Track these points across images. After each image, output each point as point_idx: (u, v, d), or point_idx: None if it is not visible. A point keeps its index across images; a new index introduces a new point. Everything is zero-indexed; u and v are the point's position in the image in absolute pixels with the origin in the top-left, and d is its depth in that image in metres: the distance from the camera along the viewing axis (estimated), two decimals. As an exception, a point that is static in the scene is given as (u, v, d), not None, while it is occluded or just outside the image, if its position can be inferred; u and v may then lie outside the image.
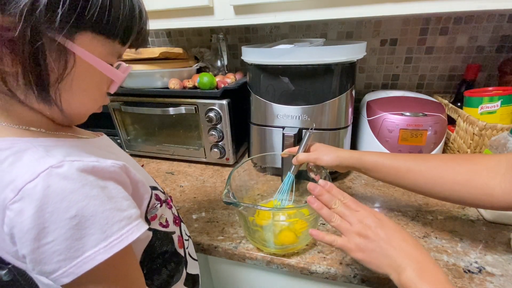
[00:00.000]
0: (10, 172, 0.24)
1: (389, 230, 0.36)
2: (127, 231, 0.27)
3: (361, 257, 0.36)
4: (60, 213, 0.23)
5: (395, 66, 0.91)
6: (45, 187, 0.23)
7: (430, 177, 0.43)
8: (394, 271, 0.33)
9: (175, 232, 0.42)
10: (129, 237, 0.27)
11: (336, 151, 0.52)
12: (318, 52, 0.56)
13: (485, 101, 0.66)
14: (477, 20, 0.79)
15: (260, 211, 0.48)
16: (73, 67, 0.26)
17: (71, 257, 0.24)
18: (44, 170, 0.24)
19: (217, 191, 0.70)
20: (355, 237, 0.36)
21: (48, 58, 0.25)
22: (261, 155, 0.69)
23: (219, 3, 0.65)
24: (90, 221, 0.25)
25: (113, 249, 0.26)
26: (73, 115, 0.31)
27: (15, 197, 0.23)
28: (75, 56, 0.26)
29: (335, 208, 0.39)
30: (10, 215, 0.23)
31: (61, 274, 0.24)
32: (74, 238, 0.24)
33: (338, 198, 0.40)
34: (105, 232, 0.25)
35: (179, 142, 0.83)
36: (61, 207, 0.23)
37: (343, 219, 0.38)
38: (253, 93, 0.67)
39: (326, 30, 0.91)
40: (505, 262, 0.45)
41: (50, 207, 0.23)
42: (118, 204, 0.27)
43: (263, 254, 0.51)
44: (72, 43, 0.25)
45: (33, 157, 0.25)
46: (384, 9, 0.56)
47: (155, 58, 0.74)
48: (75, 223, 0.24)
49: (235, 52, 1.02)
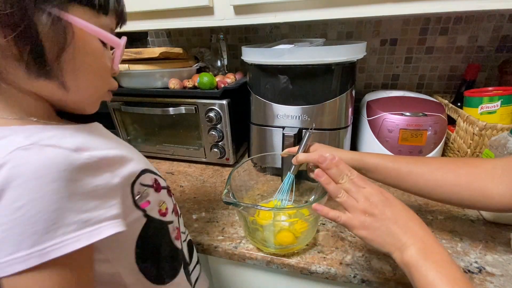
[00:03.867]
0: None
1: (395, 209, 0.35)
2: (73, 237, 0.24)
3: (365, 234, 0.35)
4: (10, 200, 0.22)
5: (395, 66, 0.91)
6: (8, 168, 0.22)
7: (431, 179, 0.43)
8: (397, 249, 0.33)
9: (173, 222, 0.41)
10: (71, 245, 0.23)
11: (336, 151, 0.52)
12: (318, 52, 0.56)
13: (485, 101, 0.66)
14: (477, 20, 0.79)
15: (260, 211, 0.48)
16: (72, 38, 0.26)
17: (3, 251, 0.22)
18: (11, 151, 0.23)
19: (217, 191, 0.70)
20: (361, 215, 0.35)
21: (45, 30, 0.24)
22: (261, 155, 0.69)
23: (219, 3, 0.65)
24: (37, 217, 0.22)
25: (49, 255, 0.23)
26: (84, 98, 0.31)
27: None
28: (72, 27, 0.26)
29: (342, 184, 0.38)
30: None
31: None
32: (13, 232, 0.22)
33: (345, 173, 0.39)
34: (47, 233, 0.23)
35: (179, 142, 0.83)
36: (13, 194, 0.22)
37: (350, 196, 0.37)
38: (253, 93, 0.67)
39: (326, 30, 0.91)
40: (505, 262, 0.45)
41: (4, 191, 0.22)
42: (78, 205, 0.24)
43: (263, 254, 0.51)
44: (67, 13, 0.26)
45: (6, 143, 0.24)
46: (384, 9, 0.56)
47: (155, 58, 0.74)
48: (19, 215, 0.22)
49: (235, 52, 1.02)
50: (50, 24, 0.25)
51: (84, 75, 0.29)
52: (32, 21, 0.24)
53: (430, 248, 0.32)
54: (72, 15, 0.26)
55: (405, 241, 0.32)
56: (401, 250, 0.32)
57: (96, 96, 0.33)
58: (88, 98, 0.32)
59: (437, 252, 0.31)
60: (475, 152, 0.64)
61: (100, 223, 0.26)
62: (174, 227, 0.41)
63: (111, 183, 0.29)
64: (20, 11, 0.23)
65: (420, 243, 0.32)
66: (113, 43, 0.31)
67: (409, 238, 0.32)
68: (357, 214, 0.36)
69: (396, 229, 0.33)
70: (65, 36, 0.26)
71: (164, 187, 0.40)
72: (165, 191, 0.40)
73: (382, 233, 0.34)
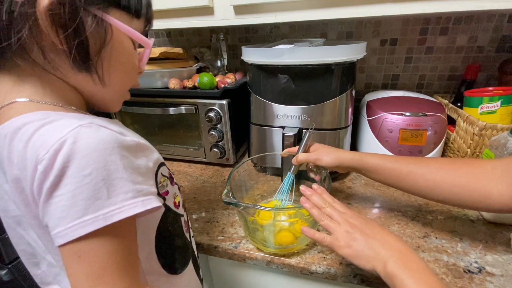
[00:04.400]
0: (43, 135, 0.25)
1: (374, 229, 0.39)
2: (131, 204, 0.27)
3: (349, 252, 0.37)
4: (77, 168, 0.24)
5: (395, 66, 0.91)
6: (72, 142, 0.24)
7: (431, 179, 0.44)
8: (380, 262, 0.35)
9: (183, 215, 0.43)
10: (131, 210, 0.26)
11: (336, 152, 0.52)
12: (318, 52, 0.56)
13: (485, 101, 0.66)
14: (477, 20, 0.79)
15: (260, 211, 0.48)
16: (111, 37, 0.30)
17: (71, 216, 0.24)
18: (74, 128, 0.25)
19: (217, 191, 0.70)
20: (343, 235, 0.38)
21: (90, 29, 0.28)
22: (261, 155, 0.69)
23: (219, 3, 0.65)
24: (100, 184, 0.25)
25: (112, 218, 0.25)
26: (112, 94, 0.35)
27: (46, 154, 0.24)
28: (111, 27, 0.30)
29: (324, 209, 0.42)
30: (40, 169, 0.24)
31: (57, 233, 0.24)
32: (80, 198, 0.24)
33: (328, 201, 0.44)
34: (110, 199, 0.25)
35: (179, 142, 0.83)
36: (80, 163, 0.24)
37: (332, 219, 0.41)
38: (253, 93, 0.67)
39: (326, 30, 0.91)
40: (505, 262, 0.45)
41: (71, 161, 0.24)
42: (132, 176, 0.27)
43: (263, 254, 0.51)
44: (108, 15, 0.29)
45: (66, 123, 0.26)
46: (384, 9, 0.56)
47: (155, 58, 0.74)
48: (86, 182, 0.24)
49: (235, 52, 1.02)
50: (95, 24, 0.28)
51: (116, 71, 0.33)
52: (81, 21, 0.27)
53: (407, 257, 0.34)
54: (112, 17, 0.30)
55: (385, 253, 0.35)
56: (383, 262, 0.35)
57: (122, 92, 0.37)
58: (116, 94, 0.36)
59: (414, 260, 0.34)
60: (475, 152, 0.64)
61: (149, 195, 0.29)
62: (185, 221, 0.43)
63: (148, 165, 0.32)
64: (71, 13, 0.26)
65: (398, 253, 0.35)
66: (144, 43, 0.34)
67: (387, 250, 0.35)
68: (340, 235, 0.39)
69: (376, 243, 0.37)
70: (105, 35, 0.29)
71: (176, 183, 0.42)
72: (176, 186, 0.42)
73: (363, 248, 0.37)
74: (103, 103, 0.36)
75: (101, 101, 0.36)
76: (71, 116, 0.29)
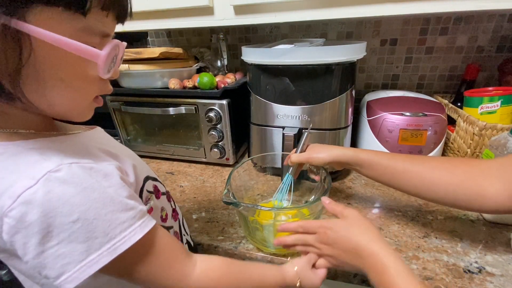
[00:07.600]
0: (4, 178, 0.23)
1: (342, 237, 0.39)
2: (130, 232, 0.27)
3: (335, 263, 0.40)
4: (63, 217, 0.23)
5: (395, 66, 0.91)
6: (45, 192, 0.23)
7: (427, 177, 0.43)
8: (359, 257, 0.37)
9: (172, 227, 0.42)
10: (132, 238, 0.27)
11: (328, 148, 0.51)
12: (318, 52, 0.56)
13: (485, 101, 0.66)
14: (477, 20, 0.79)
15: (260, 211, 0.48)
16: (31, 53, 0.21)
17: (75, 260, 0.24)
18: (42, 175, 0.23)
19: (217, 191, 0.70)
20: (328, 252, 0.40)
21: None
22: (261, 155, 0.69)
23: (219, 3, 0.65)
24: (93, 224, 0.25)
25: (117, 251, 0.25)
26: (66, 112, 0.28)
27: (13, 204, 0.22)
28: (30, 38, 0.21)
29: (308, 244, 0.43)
30: (10, 222, 0.23)
31: (65, 280, 0.24)
32: (78, 242, 0.24)
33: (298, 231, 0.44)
34: (108, 234, 0.25)
35: (179, 142, 0.83)
36: (63, 211, 0.23)
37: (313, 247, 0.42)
38: (253, 93, 0.67)
39: (326, 30, 0.91)
40: (505, 262, 0.45)
41: (52, 212, 0.23)
42: (120, 205, 0.27)
43: (263, 254, 0.50)
44: (24, 22, 0.20)
45: (28, 161, 0.24)
46: (384, 9, 0.56)
47: (155, 58, 0.74)
48: (78, 227, 0.24)
49: (235, 52, 1.02)
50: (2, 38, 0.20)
51: (61, 91, 0.25)
52: None
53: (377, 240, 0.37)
54: (28, 23, 0.21)
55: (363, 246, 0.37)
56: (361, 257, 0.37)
57: (80, 108, 0.29)
58: (70, 111, 0.28)
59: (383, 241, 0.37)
60: (475, 152, 0.64)
61: (143, 217, 0.29)
62: (174, 232, 0.42)
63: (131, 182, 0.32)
64: None
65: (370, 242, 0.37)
66: (89, 55, 0.24)
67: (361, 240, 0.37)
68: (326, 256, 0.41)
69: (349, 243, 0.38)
70: (21, 50, 0.21)
71: (163, 193, 0.41)
72: (164, 197, 0.41)
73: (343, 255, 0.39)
74: (68, 117, 0.29)
75: (63, 116, 0.29)
76: (31, 148, 0.25)
